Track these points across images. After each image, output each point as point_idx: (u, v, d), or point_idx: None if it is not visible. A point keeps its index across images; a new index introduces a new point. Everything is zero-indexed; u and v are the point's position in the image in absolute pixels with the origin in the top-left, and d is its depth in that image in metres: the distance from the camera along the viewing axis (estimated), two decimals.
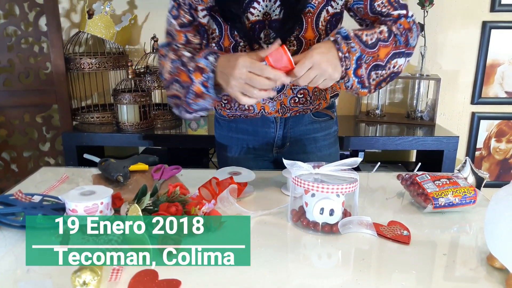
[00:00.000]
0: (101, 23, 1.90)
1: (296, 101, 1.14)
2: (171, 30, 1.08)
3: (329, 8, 1.05)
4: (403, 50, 1.02)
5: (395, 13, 1.03)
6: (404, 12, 1.04)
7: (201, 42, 1.09)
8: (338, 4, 1.04)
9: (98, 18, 1.89)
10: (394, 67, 1.02)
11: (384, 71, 1.01)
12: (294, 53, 1.06)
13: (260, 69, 0.87)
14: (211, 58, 0.96)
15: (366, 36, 0.97)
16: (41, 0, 1.86)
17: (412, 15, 1.04)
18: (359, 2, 1.03)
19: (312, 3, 1.03)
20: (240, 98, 0.91)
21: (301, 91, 1.13)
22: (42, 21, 1.92)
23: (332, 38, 0.94)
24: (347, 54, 0.94)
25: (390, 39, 0.99)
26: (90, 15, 1.89)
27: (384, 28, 1.00)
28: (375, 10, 1.03)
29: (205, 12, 1.05)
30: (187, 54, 1.02)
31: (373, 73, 1.00)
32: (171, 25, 1.07)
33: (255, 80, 0.88)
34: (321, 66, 0.89)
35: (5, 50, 1.91)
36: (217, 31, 1.08)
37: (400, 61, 1.03)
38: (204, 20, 1.06)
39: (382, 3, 1.02)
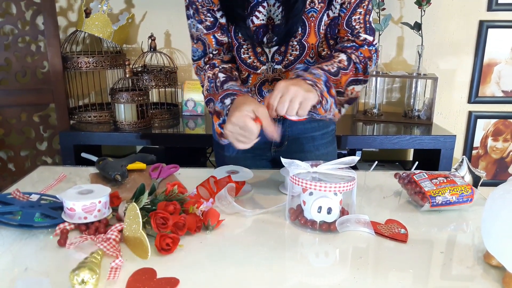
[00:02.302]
0: (99, 22, 1.89)
1: None
2: (199, 35, 1.11)
3: (330, 12, 1.06)
4: (361, 77, 1.06)
5: (362, 37, 1.07)
6: (370, 38, 1.08)
7: (228, 40, 1.12)
8: (336, 8, 1.06)
9: (96, 17, 1.88)
10: (351, 93, 1.07)
11: (343, 97, 1.05)
12: (296, 58, 1.10)
13: (250, 133, 0.89)
14: (227, 101, 0.99)
15: (327, 66, 1.00)
16: None
17: (375, 44, 1.09)
18: (343, 10, 1.06)
19: (315, 7, 1.04)
20: (234, 143, 0.93)
21: None
22: (39, 20, 1.91)
23: (293, 76, 0.97)
24: (314, 80, 0.95)
25: (349, 67, 1.04)
26: (87, 14, 1.88)
27: (343, 57, 1.04)
28: (350, 24, 1.07)
29: (221, 12, 1.07)
30: (221, 76, 1.06)
31: (338, 101, 1.04)
32: (198, 30, 1.10)
33: (245, 138, 0.90)
34: (290, 89, 0.89)
35: (2, 49, 1.90)
36: None
37: (358, 87, 1.07)
38: (223, 20, 1.09)
39: (358, 19, 1.06)
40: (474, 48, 2.15)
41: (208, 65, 1.11)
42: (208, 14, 1.08)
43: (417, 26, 1.97)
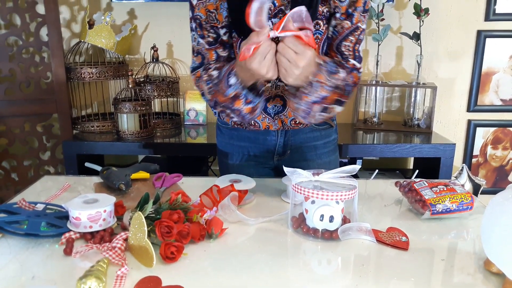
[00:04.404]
0: (102, 33, 1.92)
1: (297, 122, 1.17)
2: (200, 49, 1.12)
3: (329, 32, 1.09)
4: (345, 100, 1.05)
5: (351, 62, 1.08)
6: (358, 65, 1.09)
7: (230, 54, 1.13)
8: (329, 31, 1.08)
9: (99, 28, 1.91)
10: (331, 112, 1.06)
11: (326, 114, 1.05)
12: None
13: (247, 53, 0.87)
14: (232, 80, 0.99)
15: (335, 80, 0.99)
16: (43, 11, 1.88)
17: (361, 71, 1.10)
18: (335, 33, 1.07)
19: (320, 29, 1.06)
20: (266, 74, 0.92)
21: None
22: (43, 31, 1.94)
23: (321, 61, 0.96)
24: (315, 84, 0.95)
25: (341, 88, 1.03)
26: (91, 25, 1.91)
27: (343, 75, 1.02)
28: (339, 48, 1.08)
29: (225, 30, 1.09)
30: (215, 74, 1.06)
31: (318, 114, 1.04)
32: (200, 44, 1.11)
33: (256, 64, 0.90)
34: (293, 71, 0.90)
35: (6, 60, 1.93)
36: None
37: (338, 108, 1.06)
38: (226, 37, 1.10)
39: (348, 46, 1.07)
40: (472, 58, 2.17)
41: (204, 71, 1.12)
42: (211, 31, 1.09)
43: (416, 36, 2.00)
